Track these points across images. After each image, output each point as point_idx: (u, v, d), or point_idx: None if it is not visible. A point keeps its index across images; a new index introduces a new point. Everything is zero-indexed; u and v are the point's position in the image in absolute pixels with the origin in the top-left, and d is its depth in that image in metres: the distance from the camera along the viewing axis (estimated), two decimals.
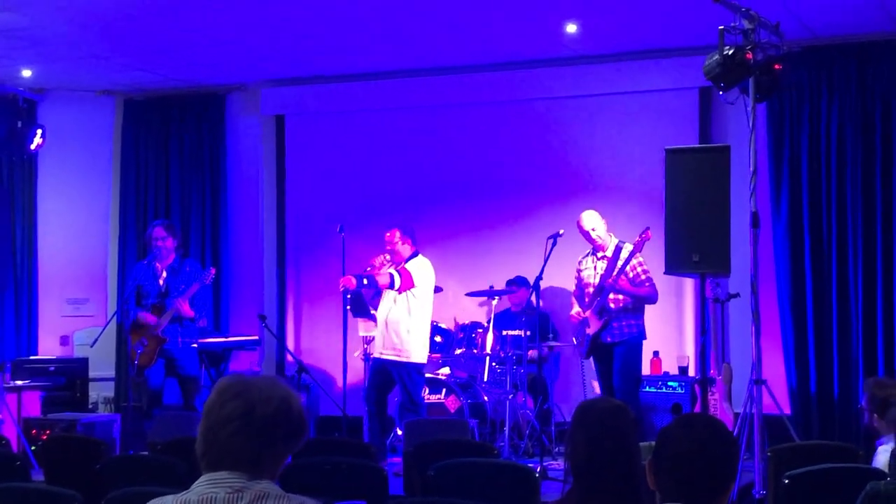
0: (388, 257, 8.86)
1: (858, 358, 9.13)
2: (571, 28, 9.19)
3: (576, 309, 8.83)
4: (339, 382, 9.41)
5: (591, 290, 8.66)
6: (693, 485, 2.69)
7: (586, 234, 8.69)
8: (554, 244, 8.60)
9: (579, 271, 8.89)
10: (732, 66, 6.87)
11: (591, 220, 8.69)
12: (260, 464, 2.61)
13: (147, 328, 9.27)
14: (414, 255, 8.83)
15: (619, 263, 8.45)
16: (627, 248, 8.50)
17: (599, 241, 8.68)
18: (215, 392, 2.65)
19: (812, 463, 4.93)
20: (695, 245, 7.33)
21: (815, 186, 9.37)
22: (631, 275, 8.51)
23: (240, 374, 2.69)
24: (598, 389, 8.93)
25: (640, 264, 8.53)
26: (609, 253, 8.61)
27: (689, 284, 9.57)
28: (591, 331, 8.58)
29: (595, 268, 8.70)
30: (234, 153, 11.39)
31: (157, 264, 9.47)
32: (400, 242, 8.79)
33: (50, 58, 10.08)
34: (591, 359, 8.81)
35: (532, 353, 9.23)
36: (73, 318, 11.56)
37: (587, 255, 8.85)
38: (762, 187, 8.69)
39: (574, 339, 8.92)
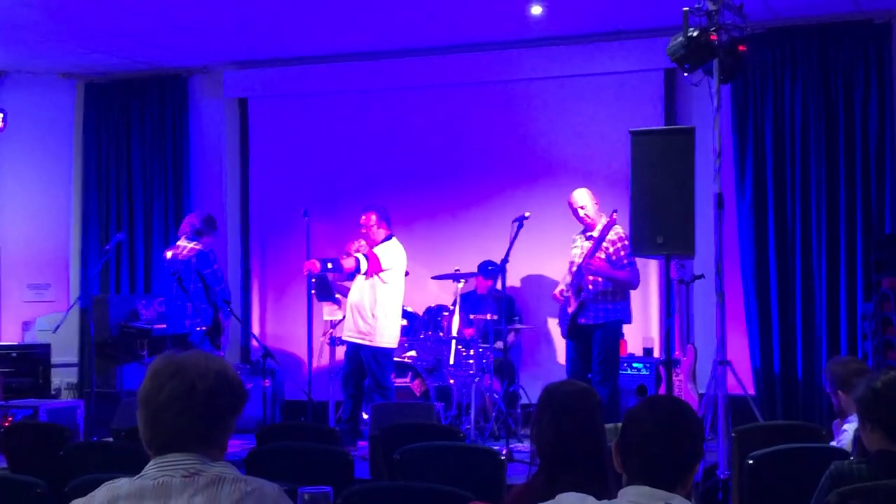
0: (363, 242, 8.82)
1: (822, 338, 9.20)
2: (536, 10, 9.17)
3: (559, 287, 8.70)
4: (305, 367, 9.38)
5: (574, 269, 8.57)
6: (658, 465, 2.70)
7: (575, 212, 8.54)
8: (520, 227, 8.53)
9: (573, 249, 8.75)
10: (697, 48, 6.87)
11: (581, 198, 8.54)
12: (209, 439, 2.60)
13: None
14: (387, 238, 8.78)
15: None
16: (616, 231, 8.41)
17: (588, 220, 8.54)
18: (149, 377, 2.62)
19: (776, 443, 4.95)
20: (659, 226, 7.33)
21: (780, 167, 9.41)
22: (613, 255, 8.37)
23: (169, 355, 2.66)
24: None
25: (625, 247, 8.28)
26: (596, 233, 8.47)
27: (653, 266, 9.60)
28: (570, 310, 8.51)
29: (582, 248, 8.56)
30: (198, 136, 11.31)
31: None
32: (375, 226, 8.75)
33: (10, 40, 9.96)
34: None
35: (499, 345, 9.20)
36: (34, 304, 11.45)
37: (580, 233, 8.72)
38: (726, 168, 8.70)
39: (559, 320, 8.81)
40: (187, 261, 9.01)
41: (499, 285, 8.65)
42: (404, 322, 9.32)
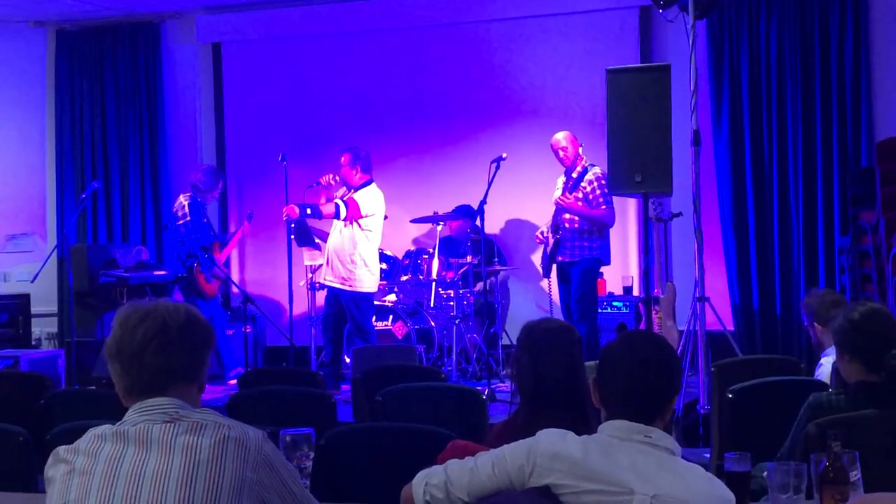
0: (335, 178, 8.79)
1: (800, 273, 9.25)
2: None
3: (540, 229, 8.84)
4: (286, 312, 9.39)
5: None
6: (636, 399, 2.72)
7: (556, 154, 8.66)
8: (497, 168, 8.54)
9: (555, 192, 8.80)
10: None
11: (561, 139, 8.63)
12: (188, 375, 2.62)
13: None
14: (366, 183, 8.73)
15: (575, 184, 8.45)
16: (594, 171, 8.46)
17: (568, 162, 8.62)
18: (118, 326, 2.61)
19: (755, 377, 5.00)
20: (637, 165, 7.34)
21: (756, 103, 9.40)
22: (590, 195, 8.44)
23: (131, 303, 2.66)
24: None
25: (601, 187, 8.38)
26: (575, 174, 8.56)
27: (631, 205, 9.60)
28: (548, 249, 8.63)
29: (562, 189, 8.64)
30: (171, 83, 11.20)
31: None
32: (349, 166, 8.73)
33: None
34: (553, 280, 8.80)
35: (479, 286, 9.23)
36: (12, 255, 11.39)
37: (562, 175, 8.79)
38: (703, 105, 8.69)
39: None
40: (173, 214, 9.68)
41: (478, 224, 8.66)
42: (384, 266, 9.32)
